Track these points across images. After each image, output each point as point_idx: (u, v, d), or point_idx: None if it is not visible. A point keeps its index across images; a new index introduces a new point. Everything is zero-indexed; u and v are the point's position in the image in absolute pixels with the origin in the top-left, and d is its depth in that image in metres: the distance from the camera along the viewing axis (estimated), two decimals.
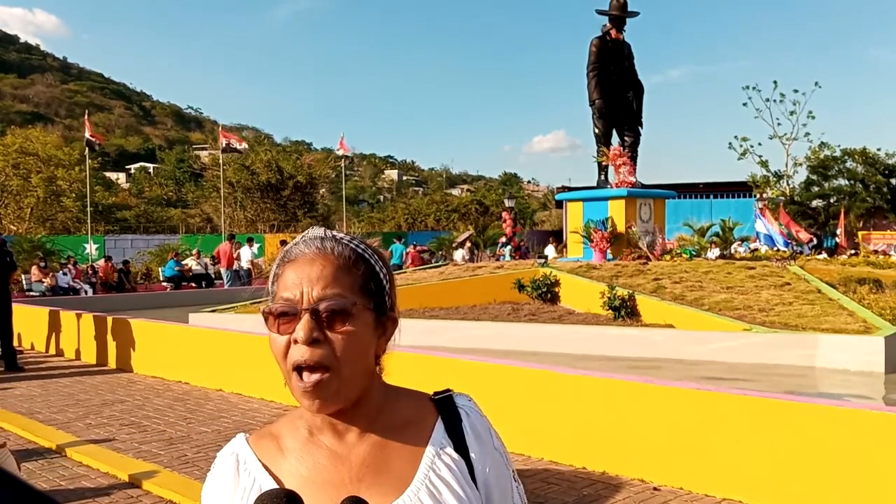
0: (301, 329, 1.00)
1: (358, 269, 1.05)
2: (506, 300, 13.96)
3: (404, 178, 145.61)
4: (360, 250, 1.07)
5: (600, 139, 17.22)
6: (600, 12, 17.31)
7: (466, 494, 1.05)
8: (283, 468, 1.07)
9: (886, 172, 35.77)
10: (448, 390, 1.16)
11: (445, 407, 1.13)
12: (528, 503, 1.19)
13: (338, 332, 1.01)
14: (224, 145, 31.54)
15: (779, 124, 40.29)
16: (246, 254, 22.47)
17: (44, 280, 21.28)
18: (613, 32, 17.02)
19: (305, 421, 1.09)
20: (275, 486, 1.04)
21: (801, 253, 21.35)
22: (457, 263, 20.72)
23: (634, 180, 16.52)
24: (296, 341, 1.00)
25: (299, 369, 1.01)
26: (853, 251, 25.26)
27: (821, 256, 21.60)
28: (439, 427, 1.10)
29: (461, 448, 1.08)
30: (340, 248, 1.06)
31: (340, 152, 35.77)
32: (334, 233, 1.08)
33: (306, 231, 1.10)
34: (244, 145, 32.87)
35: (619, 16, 17.14)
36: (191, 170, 70.66)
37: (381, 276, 1.09)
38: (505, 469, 1.13)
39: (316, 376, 1.00)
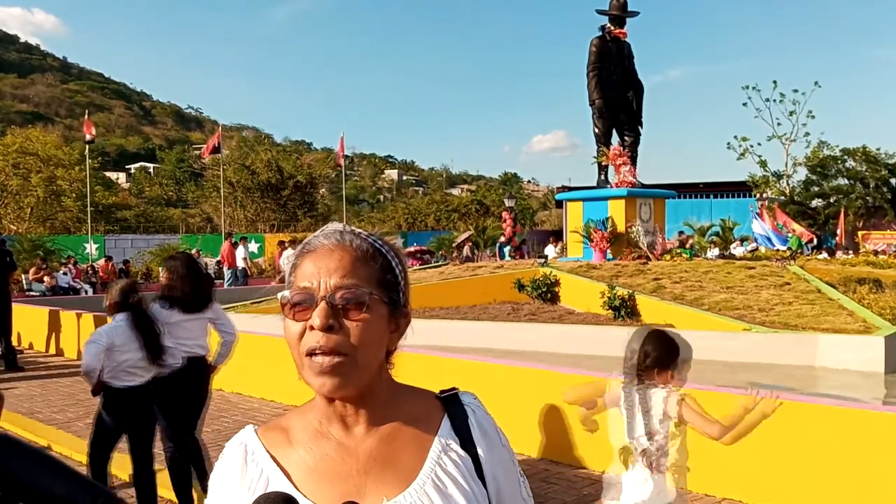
0: (317, 316, 1.01)
1: (375, 263, 1.08)
2: (506, 300, 13.96)
3: (404, 177, 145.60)
4: (377, 245, 1.10)
5: (600, 139, 17.21)
6: (600, 12, 17.32)
7: (472, 490, 1.07)
8: (291, 459, 1.08)
9: (887, 171, 35.76)
10: (454, 388, 1.18)
11: (451, 404, 1.14)
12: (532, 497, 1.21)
13: (353, 321, 1.03)
14: (213, 147, 31.25)
15: (779, 124, 40.22)
16: (240, 253, 22.42)
17: (44, 280, 21.29)
18: (619, 32, 17.01)
19: (315, 414, 1.10)
20: (282, 477, 1.06)
21: (801, 252, 21.36)
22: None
23: (634, 180, 16.52)
24: (312, 328, 1.02)
25: (313, 354, 1.02)
26: (849, 249, 25.28)
27: (821, 256, 21.61)
28: (445, 424, 1.12)
29: (467, 445, 1.10)
30: (359, 241, 1.08)
31: (339, 157, 35.66)
32: (352, 228, 1.11)
33: (325, 225, 1.13)
34: (225, 148, 32.69)
35: (619, 15, 17.15)
36: (191, 169, 70.81)
37: (397, 271, 1.11)
38: (511, 465, 1.15)
39: (330, 358, 1.01)
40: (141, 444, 4.59)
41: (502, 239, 29.51)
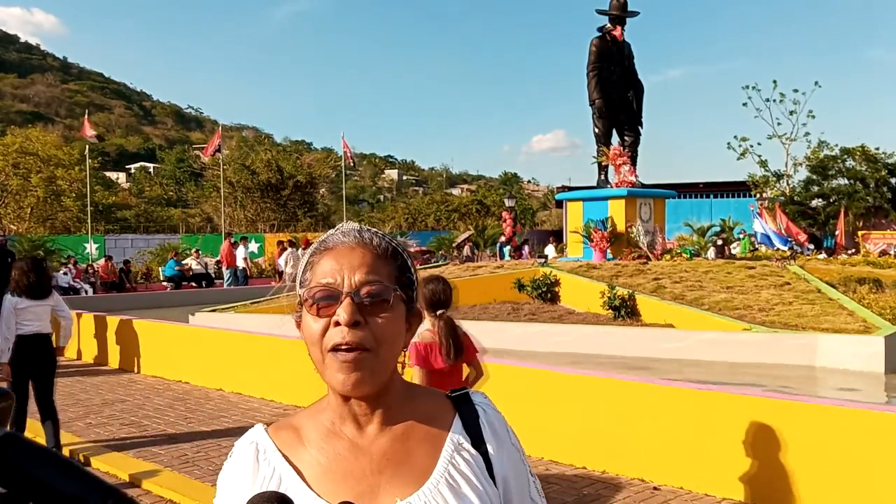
0: (343, 311, 1.01)
1: (395, 261, 1.09)
2: (506, 300, 13.96)
3: (404, 177, 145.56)
4: (394, 244, 1.11)
5: (600, 139, 17.22)
6: (600, 12, 17.33)
7: (484, 489, 1.07)
8: (303, 458, 1.08)
9: (887, 171, 35.70)
10: (464, 388, 1.19)
11: (462, 404, 1.15)
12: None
13: (377, 317, 1.03)
14: (214, 148, 31.16)
15: (779, 124, 40.17)
16: (241, 253, 22.41)
17: None
18: (617, 32, 17.02)
19: (327, 414, 1.10)
20: (295, 476, 1.06)
21: (801, 252, 21.36)
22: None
23: (634, 180, 16.53)
24: (337, 323, 1.02)
25: (336, 349, 1.02)
26: (852, 250, 25.26)
27: (821, 256, 21.61)
28: (457, 423, 1.12)
29: (478, 444, 1.11)
30: (378, 239, 1.10)
31: (341, 154, 35.59)
32: (368, 227, 1.13)
33: (340, 224, 1.13)
34: (225, 148, 32.64)
35: (619, 15, 17.15)
36: (191, 169, 70.72)
37: (412, 272, 1.12)
38: (522, 464, 1.15)
39: (355, 353, 1.02)
40: None
41: (502, 239, 29.51)
